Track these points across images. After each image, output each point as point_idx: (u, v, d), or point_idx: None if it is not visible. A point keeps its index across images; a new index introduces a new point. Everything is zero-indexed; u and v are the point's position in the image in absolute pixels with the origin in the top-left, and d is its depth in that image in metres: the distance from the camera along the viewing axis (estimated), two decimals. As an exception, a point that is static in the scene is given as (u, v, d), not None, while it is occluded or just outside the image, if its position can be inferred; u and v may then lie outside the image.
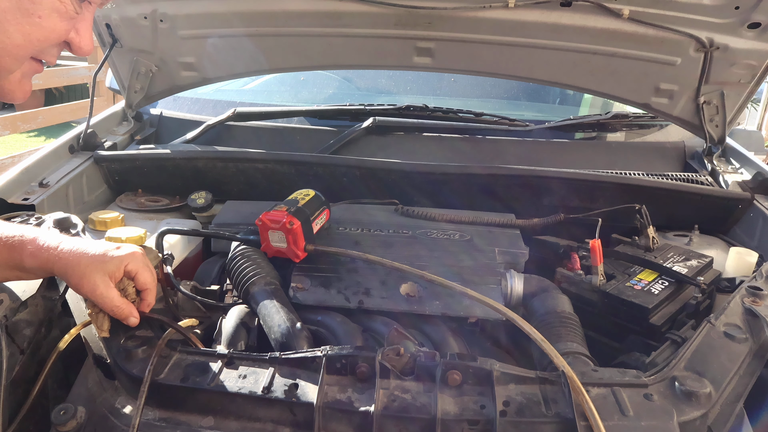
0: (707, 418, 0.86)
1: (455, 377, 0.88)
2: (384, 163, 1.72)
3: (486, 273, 1.31)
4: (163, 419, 0.92)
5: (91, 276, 0.97)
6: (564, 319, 1.20)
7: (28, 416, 0.99)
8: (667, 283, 1.32)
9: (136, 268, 1.02)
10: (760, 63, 1.73)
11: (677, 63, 1.78)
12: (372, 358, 0.90)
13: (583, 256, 1.44)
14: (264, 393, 0.89)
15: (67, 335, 1.05)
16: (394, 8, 1.71)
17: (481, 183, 1.69)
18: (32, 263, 0.98)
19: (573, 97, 2.56)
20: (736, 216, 1.65)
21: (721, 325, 1.03)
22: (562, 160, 1.95)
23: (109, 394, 0.99)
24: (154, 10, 1.83)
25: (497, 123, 2.06)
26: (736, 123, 2.01)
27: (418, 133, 2.08)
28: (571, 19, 1.71)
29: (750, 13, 1.60)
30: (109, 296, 0.98)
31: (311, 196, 1.39)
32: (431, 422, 0.84)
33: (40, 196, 1.53)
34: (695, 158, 2.03)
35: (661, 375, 0.91)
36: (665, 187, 1.66)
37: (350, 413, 0.86)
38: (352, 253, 1.25)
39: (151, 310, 1.07)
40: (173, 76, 2.05)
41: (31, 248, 0.98)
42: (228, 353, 0.97)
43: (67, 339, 1.05)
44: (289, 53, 1.98)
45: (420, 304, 1.23)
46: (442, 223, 1.53)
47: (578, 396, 0.83)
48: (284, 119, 2.16)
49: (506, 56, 1.88)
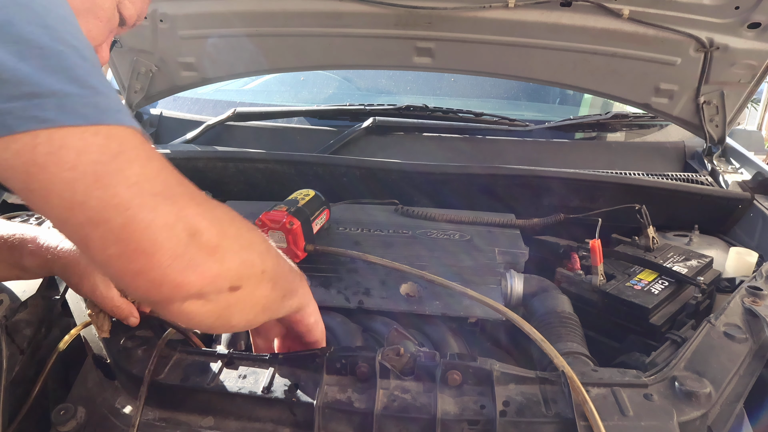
0: (707, 418, 0.86)
1: (455, 377, 0.88)
2: (384, 163, 1.72)
3: (486, 273, 1.31)
4: (163, 419, 0.92)
5: (91, 276, 0.96)
6: (564, 319, 1.20)
7: (28, 416, 0.99)
8: (667, 283, 1.32)
9: None
10: (760, 63, 1.73)
11: (677, 63, 1.78)
12: (372, 358, 0.90)
13: (583, 256, 1.44)
14: (264, 393, 0.89)
15: (67, 336, 1.05)
16: (394, 8, 1.71)
17: (481, 183, 1.69)
18: (32, 262, 0.98)
19: (573, 97, 2.56)
20: (736, 216, 1.65)
21: (721, 325, 1.03)
22: (562, 160, 1.95)
23: (109, 394, 0.99)
24: (153, 10, 1.83)
25: (497, 123, 2.06)
26: (736, 123, 2.01)
27: (418, 133, 2.08)
28: (571, 19, 1.71)
29: (750, 13, 1.60)
30: (109, 296, 0.97)
31: (311, 196, 1.39)
32: (431, 422, 0.84)
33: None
34: (695, 158, 2.03)
35: (661, 375, 0.91)
36: (665, 187, 1.66)
37: (350, 413, 0.86)
38: (352, 253, 1.25)
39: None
40: (173, 76, 2.05)
41: (32, 247, 0.98)
42: (228, 353, 0.97)
43: (67, 339, 1.05)
44: (289, 53, 1.98)
45: (420, 304, 1.23)
46: (442, 223, 1.53)
47: (578, 396, 0.83)
48: (284, 119, 2.16)
49: (506, 56, 1.88)
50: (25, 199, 0.57)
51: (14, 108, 0.52)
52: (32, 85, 0.53)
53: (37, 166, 0.54)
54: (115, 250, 0.58)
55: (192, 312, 0.66)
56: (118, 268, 0.60)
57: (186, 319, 0.67)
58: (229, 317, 0.72)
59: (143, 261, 0.59)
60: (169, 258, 0.59)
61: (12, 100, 0.52)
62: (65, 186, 0.55)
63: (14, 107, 0.52)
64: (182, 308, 0.64)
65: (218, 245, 0.65)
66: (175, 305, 0.64)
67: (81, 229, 0.58)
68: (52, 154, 0.54)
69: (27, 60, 0.53)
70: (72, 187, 0.55)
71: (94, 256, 0.60)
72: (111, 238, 0.57)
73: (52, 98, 0.54)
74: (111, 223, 0.57)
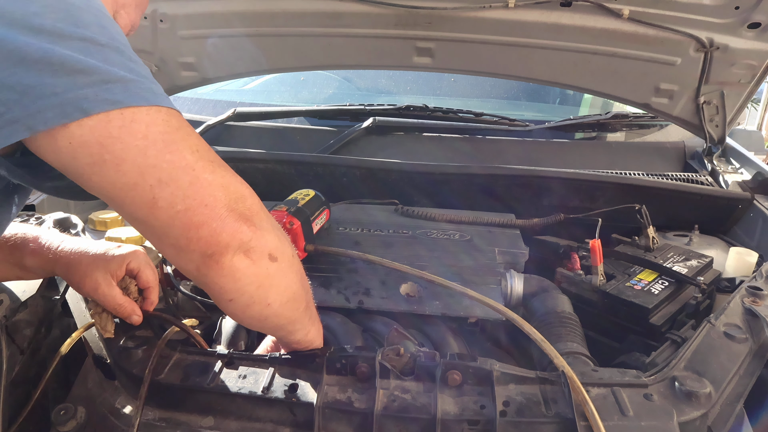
0: (707, 418, 0.86)
1: (455, 377, 0.88)
2: (384, 163, 1.72)
3: (486, 273, 1.31)
4: (163, 419, 0.92)
5: (93, 275, 0.96)
6: (564, 319, 1.20)
7: (28, 416, 0.99)
8: (667, 283, 1.32)
9: (138, 266, 1.02)
10: (760, 63, 1.73)
11: (677, 63, 1.78)
12: (372, 358, 0.90)
13: (583, 256, 1.44)
14: (264, 393, 0.89)
15: (69, 339, 1.04)
16: (394, 8, 1.71)
17: (481, 183, 1.69)
18: (33, 262, 0.98)
19: (573, 97, 2.56)
20: (736, 216, 1.65)
21: (721, 325, 1.03)
22: (562, 160, 1.95)
23: (109, 395, 0.99)
24: (154, 10, 1.83)
25: (497, 123, 2.06)
26: (736, 123, 2.01)
27: (418, 133, 2.08)
28: (571, 19, 1.71)
29: (750, 13, 1.60)
30: (111, 294, 0.97)
31: (311, 196, 1.39)
32: (431, 422, 0.84)
33: (41, 196, 1.53)
34: (695, 158, 2.03)
35: (661, 375, 0.91)
36: (665, 187, 1.66)
37: (350, 413, 0.86)
38: (352, 253, 1.25)
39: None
40: (173, 76, 2.05)
41: (33, 247, 0.98)
42: (228, 353, 0.97)
43: (69, 343, 1.04)
44: (289, 53, 1.98)
45: (420, 304, 1.23)
46: (442, 223, 1.53)
47: (578, 396, 0.83)
48: (284, 119, 2.16)
49: (506, 56, 1.88)
50: (89, 174, 0.66)
51: (88, 93, 0.62)
52: (101, 74, 0.63)
53: (112, 138, 0.64)
54: (183, 205, 0.69)
55: (240, 269, 0.75)
56: (183, 221, 0.70)
57: (233, 279, 0.76)
58: (268, 289, 0.81)
59: (206, 213, 0.70)
60: (225, 211, 0.71)
61: (85, 87, 0.62)
62: (138, 152, 0.65)
63: (87, 93, 0.62)
64: (233, 262, 0.74)
65: (258, 213, 0.77)
66: (227, 257, 0.73)
67: (150, 191, 0.67)
68: (124, 127, 0.64)
69: (93, 55, 0.64)
70: (144, 152, 0.66)
71: (158, 216, 0.69)
72: (179, 195, 0.68)
73: (118, 84, 0.64)
74: (180, 182, 0.68)
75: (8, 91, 0.60)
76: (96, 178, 0.66)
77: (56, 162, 0.65)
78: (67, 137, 0.63)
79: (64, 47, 0.62)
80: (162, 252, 0.81)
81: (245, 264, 0.76)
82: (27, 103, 0.60)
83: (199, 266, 0.74)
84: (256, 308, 0.82)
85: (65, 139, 0.63)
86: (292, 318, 0.90)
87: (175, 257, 0.76)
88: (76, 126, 0.62)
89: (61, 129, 0.62)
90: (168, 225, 0.70)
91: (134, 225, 0.74)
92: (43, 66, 0.60)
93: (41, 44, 0.61)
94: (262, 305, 0.83)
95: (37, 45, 0.61)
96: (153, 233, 0.73)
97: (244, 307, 0.82)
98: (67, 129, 0.62)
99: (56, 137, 0.62)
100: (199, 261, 0.73)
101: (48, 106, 0.61)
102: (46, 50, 0.61)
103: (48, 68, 0.61)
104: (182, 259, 0.75)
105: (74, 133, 0.63)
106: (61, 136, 0.62)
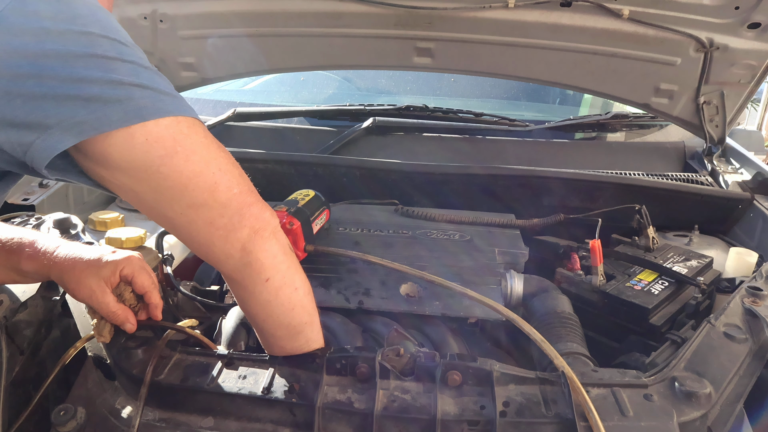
0: (707, 418, 0.86)
1: (455, 378, 0.88)
2: (384, 163, 1.72)
3: (486, 273, 1.31)
4: (163, 420, 0.92)
5: (87, 281, 0.95)
6: (564, 320, 1.20)
7: (28, 417, 0.99)
8: (667, 284, 1.32)
9: (131, 272, 1.00)
10: (760, 63, 1.73)
11: (677, 63, 1.78)
12: (372, 359, 0.90)
13: (583, 256, 1.44)
14: (264, 393, 0.89)
15: (72, 349, 1.03)
16: (394, 8, 1.72)
17: (481, 183, 1.69)
18: (29, 267, 0.97)
19: (573, 97, 2.56)
20: (736, 216, 1.65)
21: (721, 326, 1.03)
22: (562, 161, 1.95)
23: (109, 395, 0.99)
24: (154, 10, 1.83)
25: (497, 123, 2.06)
26: (736, 123, 2.01)
27: (418, 133, 2.08)
28: (571, 19, 1.71)
29: (750, 13, 1.60)
30: (104, 302, 0.96)
31: (311, 196, 1.39)
32: (431, 423, 0.84)
33: (40, 197, 1.53)
34: (695, 158, 2.03)
35: (661, 375, 0.91)
36: (665, 187, 1.66)
37: (350, 413, 0.86)
38: (352, 254, 1.25)
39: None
40: (173, 76, 2.05)
41: (29, 251, 0.97)
42: (228, 354, 0.97)
43: (71, 353, 1.03)
44: (289, 53, 1.98)
45: (420, 305, 1.23)
46: (442, 223, 1.53)
47: (578, 396, 0.83)
48: (284, 119, 2.16)
49: (506, 56, 1.88)
50: (158, 165, 0.78)
51: (147, 103, 0.76)
52: (152, 89, 0.77)
53: (183, 134, 0.79)
54: (238, 189, 0.85)
55: (275, 247, 0.89)
56: (240, 201, 0.85)
57: (272, 255, 0.89)
58: (294, 272, 0.93)
59: (254, 196, 0.87)
60: (256, 198, 0.87)
61: (144, 98, 0.76)
62: (203, 146, 0.82)
63: (146, 102, 0.76)
64: (272, 241, 0.88)
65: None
66: (268, 232, 0.87)
67: (212, 177, 0.82)
68: (191, 127, 0.80)
69: (141, 74, 0.77)
70: (207, 147, 0.82)
71: (218, 197, 0.82)
72: (234, 181, 0.84)
73: (167, 97, 0.79)
74: (233, 172, 0.85)
75: (74, 100, 0.72)
76: (165, 168, 0.78)
77: (120, 158, 0.76)
78: (145, 134, 0.76)
79: (120, 73, 0.75)
80: (209, 239, 0.86)
81: (277, 246, 0.90)
82: (94, 108, 0.72)
83: (245, 244, 0.86)
84: (286, 291, 0.92)
85: (142, 136, 0.75)
86: (311, 310, 0.97)
87: (222, 240, 0.85)
88: (153, 124, 0.76)
89: (140, 127, 0.75)
90: (225, 205, 0.83)
91: (187, 212, 0.83)
92: (104, 83, 0.73)
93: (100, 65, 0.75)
94: (291, 288, 0.92)
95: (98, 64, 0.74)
96: (206, 217, 0.84)
97: (277, 289, 0.91)
98: (145, 126, 0.75)
99: (134, 134, 0.75)
100: (246, 239, 0.85)
101: (113, 111, 0.73)
102: (107, 69, 0.74)
103: (108, 85, 0.73)
104: (230, 239, 0.85)
105: (152, 130, 0.76)
106: (139, 133, 0.75)
